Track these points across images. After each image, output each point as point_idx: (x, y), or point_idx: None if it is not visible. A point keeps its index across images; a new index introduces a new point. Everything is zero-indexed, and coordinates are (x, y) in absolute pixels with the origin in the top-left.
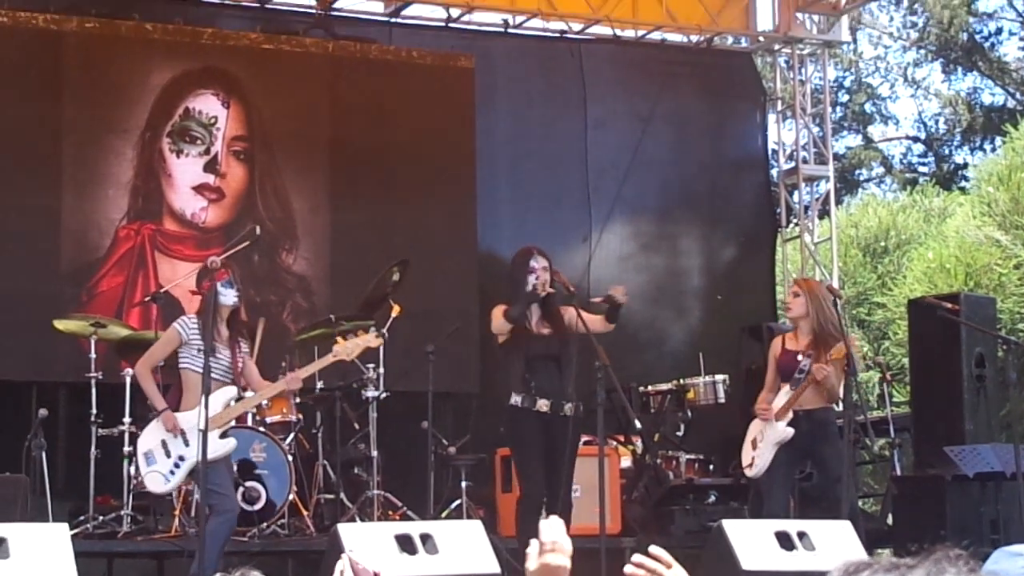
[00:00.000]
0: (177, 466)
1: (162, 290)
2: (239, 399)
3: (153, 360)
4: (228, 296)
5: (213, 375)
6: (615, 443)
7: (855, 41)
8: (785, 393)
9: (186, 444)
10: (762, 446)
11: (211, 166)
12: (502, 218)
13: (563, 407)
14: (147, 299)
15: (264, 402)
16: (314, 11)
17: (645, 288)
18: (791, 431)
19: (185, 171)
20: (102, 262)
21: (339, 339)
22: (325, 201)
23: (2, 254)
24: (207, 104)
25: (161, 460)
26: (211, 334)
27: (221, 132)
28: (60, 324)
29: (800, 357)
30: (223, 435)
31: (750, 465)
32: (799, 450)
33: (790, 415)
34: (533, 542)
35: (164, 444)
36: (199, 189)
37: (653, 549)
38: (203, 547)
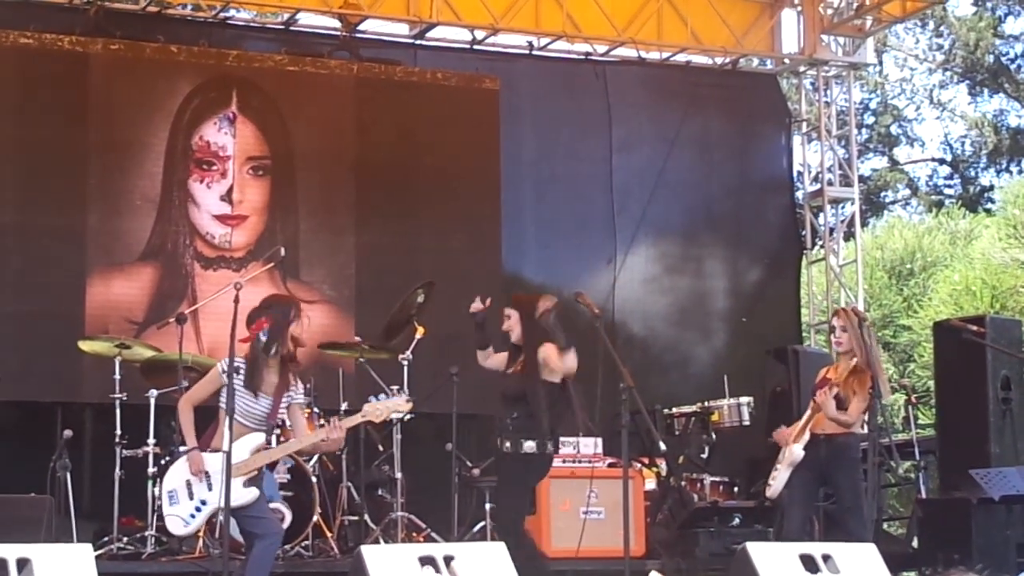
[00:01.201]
0: (198, 509)
1: (186, 312)
2: (269, 445)
3: (196, 398)
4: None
5: (246, 422)
6: (640, 465)
7: (881, 63)
8: (806, 416)
9: (209, 488)
10: (779, 467)
11: (227, 196)
12: (527, 240)
13: (500, 444)
14: (171, 320)
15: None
16: (339, 33)
17: (670, 310)
18: (801, 453)
19: (206, 199)
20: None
21: (371, 399)
22: (350, 222)
23: (28, 276)
24: (215, 135)
25: (184, 501)
26: (232, 388)
27: (232, 159)
28: (85, 345)
29: (835, 390)
30: (248, 483)
31: (771, 484)
32: (817, 474)
33: (807, 437)
34: None
35: (189, 485)
36: (220, 218)
37: None
38: (249, 574)
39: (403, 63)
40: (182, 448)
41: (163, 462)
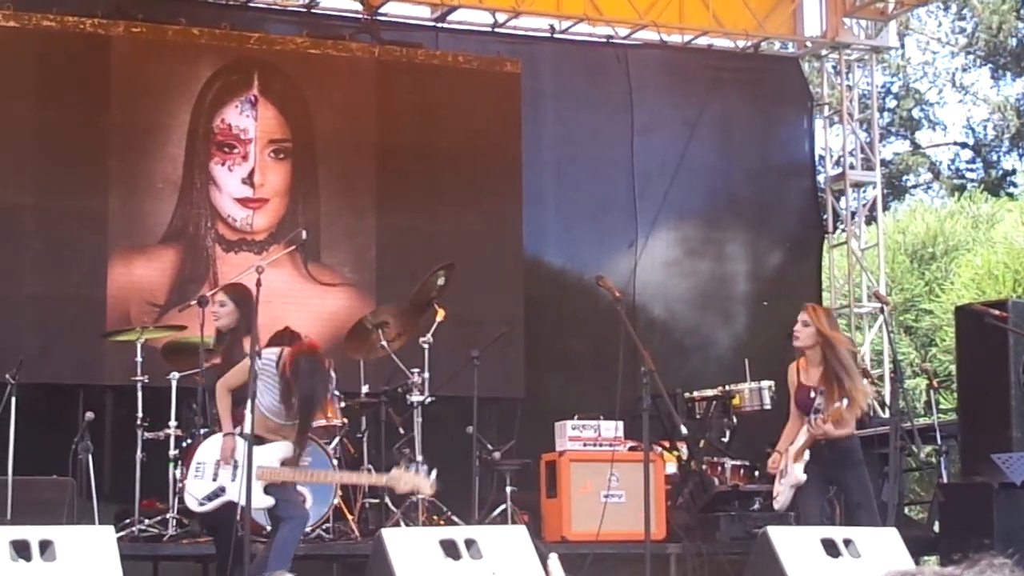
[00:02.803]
0: (216, 495)
1: (208, 294)
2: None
3: (230, 383)
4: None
5: (270, 416)
6: (660, 449)
7: (903, 46)
8: (803, 434)
9: (232, 479)
10: (783, 483)
11: (248, 179)
12: (548, 223)
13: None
14: (193, 303)
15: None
16: (360, 16)
17: (691, 294)
18: (803, 477)
19: (228, 181)
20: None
21: (398, 466)
22: (371, 205)
23: (50, 258)
24: (236, 118)
25: (207, 479)
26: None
27: (253, 142)
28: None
29: (813, 394)
30: (267, 489)
31: (776, 498)
32: (824, 477)
33: (807, 456)
34: None
35: (217, 465)
36: (241, 201)
37: None
38: (273, 556)
39: (424, 46)
40: (217, 432)
41: (184, 444)
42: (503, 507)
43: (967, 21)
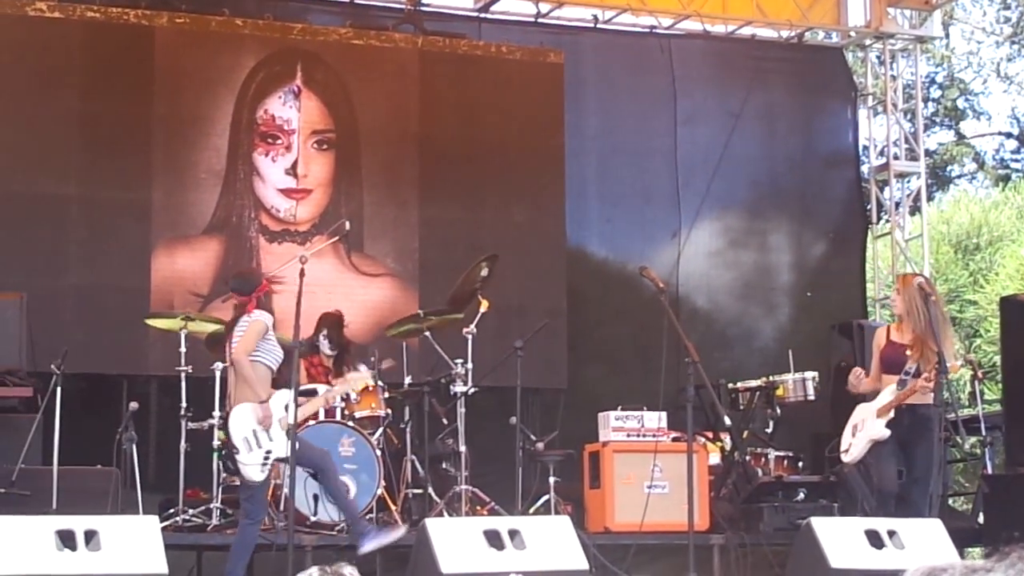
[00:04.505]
0: (266, 459)
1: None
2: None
3: (250, 347)
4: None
5: (275, 367)
6: (704, 440)
7: (947, 36)
8: (890, 392)
9: (270, 439)
10: (860, 435)
11: (292, 170)
12: (591, 214)
13: None
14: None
15: (353, 397)
16: (403, 6)
17: (734, 284)
18: (887, 432)
19: (271, 172)
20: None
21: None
22: (414, 196)
23: (94, 249)
24: (279, 109)
25: (255, 450)
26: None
27: (297, 133)
28: (152, 322)
29: (909, 352)
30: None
31: (847, 451)
32: (898, 441)
33: (892, 414)
34: None
35: (255, 434)
36: (285, 192)
37: None
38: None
39: (467, 37)
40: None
41: None
42: (546, 498)
43: (1012, 10)
